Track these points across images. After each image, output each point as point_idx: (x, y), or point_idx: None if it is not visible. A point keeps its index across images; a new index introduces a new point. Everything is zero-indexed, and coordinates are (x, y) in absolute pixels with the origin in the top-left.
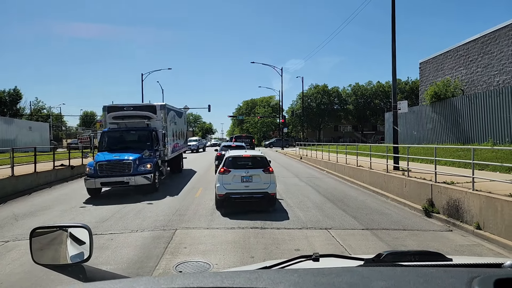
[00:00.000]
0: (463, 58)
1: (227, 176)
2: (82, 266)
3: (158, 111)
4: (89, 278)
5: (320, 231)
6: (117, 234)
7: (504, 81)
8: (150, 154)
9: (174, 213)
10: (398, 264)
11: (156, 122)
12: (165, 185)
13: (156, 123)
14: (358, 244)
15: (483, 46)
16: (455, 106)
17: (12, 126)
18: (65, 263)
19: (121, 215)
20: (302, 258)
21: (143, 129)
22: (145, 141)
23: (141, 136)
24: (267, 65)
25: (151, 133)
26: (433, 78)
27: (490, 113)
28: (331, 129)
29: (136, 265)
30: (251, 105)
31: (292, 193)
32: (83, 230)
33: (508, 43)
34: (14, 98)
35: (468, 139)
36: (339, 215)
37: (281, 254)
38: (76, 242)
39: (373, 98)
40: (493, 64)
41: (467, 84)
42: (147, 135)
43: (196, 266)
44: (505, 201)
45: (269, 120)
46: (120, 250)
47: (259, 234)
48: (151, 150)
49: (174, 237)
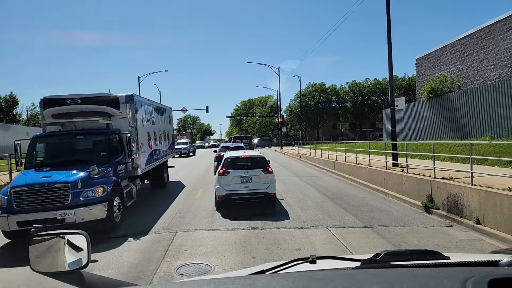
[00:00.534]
0: (459, 53)
1: (226, 177)
2: (80, 272)
3: (122, 105)
4: (87, 284)
5: (321, 230)
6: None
7: (500, 75)
8: (105, 170)
9: (174, 216)
10: (395, 264)
11: (120, 121)
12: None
13: (119, 122)
14: (359, 242)
15: (478, 41)
16: (452, 101)
17: (9, 132)
18: (63, 270)
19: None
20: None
21: (97, 133)
22: (100, 150)
23: (94, 143)
24: (264, 64)
25: (110, 137)
26: (429, 74)
27: (487, 108)
28: (329, 127)
29: (137, 269)
30: (249, 105)
31: (292, 192)
32: (81, 237)
33: (503, 37)
34: (10, 104)
35: (466, 134)
36: (340, 213)
37: (282, 254)
38: (74, 249)
39: (371, 95)
40: (489, 58)
41: (463, 79)
42: (104, 141)
43: (197, 268)
44: (504, 195)
45: (268, 119)
46: (121, 254)
47: (259, 234)
48: (108, 164)
49: (175, 240)
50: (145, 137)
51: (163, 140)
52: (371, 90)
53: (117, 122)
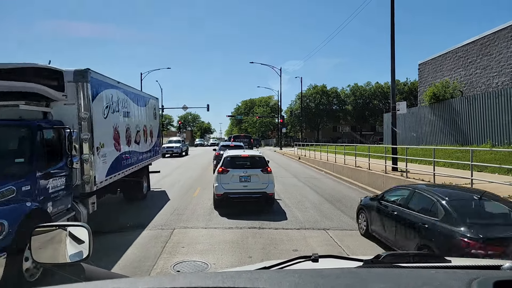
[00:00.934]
0: (462, 60)
1: (225, 176)
2: (81, 265)
3: (69, 85)
4: (88, 277)
5: (318, 232)
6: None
7: (503, 83)
8: (14, 191)
9: (172, 213)
10: (397, 265)
11: (66, 109)
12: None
13: (65, 110)
14: (356, 245)
15: (482, 48)
16: (453, 107)
17: None
18: (64, 262)
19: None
20: (301, 259)
21: (10, 125)
22: (14, 155)
23: (6, 142)
24: (266, 65)
25: (34, 133)
26: (432, 79)
27: (489, 115)
28: (329, 129)
29: (133, 264)
30: (250, 105)
31: (290, 193)
32: (83, 229)
33: (507, 44)
34: None
35: (467, 140)
36: (337, 215)
37: (279, 254)
38: (75, 241)
39: (372, 99)
40: (492, 65)
41: (466, 86)
42: (24, 139)
43: (193, 265)
44: None
45: (268, 120)
46: (118, 249)
47: (257, 234)
48: (26, 178)
49: (172, 237)
50: (109, 134)
51: (142, 139)
52: (373, 94)
53: (60, 111)
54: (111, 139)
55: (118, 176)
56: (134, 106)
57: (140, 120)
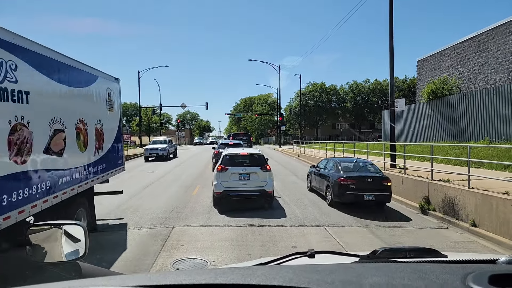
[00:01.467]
0: (460, 56)
1: (224, 174)
2: (77, 263)
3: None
4: (84, 275)
5: (317, 229)
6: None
7: (501, 79)
8: None
9: (172, 211)
10: (393, 260)
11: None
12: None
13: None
14: (354, 241)
15: (480, 44)
16: (452, 104)
17: None
18: (60, 260)
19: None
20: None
21: None
22: None
23: None
24: (264, 62)
25: None
26: (430, 76)
27: (487, 111)
28: (328, 127)
29: (133, 263)
30: (249, 103)
31: (289, 190)
32: (78, 228)
33: (505, 41)
34: None
35: (465, 137)
36: (336, 212)
37: (278, 251)
38: (71, 240)
39: (371, 96)
40: (490, 62)
41: (464, 82)
42: None
43: (193, 263)
44: (501, 198)
45: (267, 118)
46: (117, 247)
47: (256, 231)
48: None
49: (172, 235)
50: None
51: (75, 146)
52: (371, 91)
53: None
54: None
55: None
56: (52, 83)
57: (71, 111)
